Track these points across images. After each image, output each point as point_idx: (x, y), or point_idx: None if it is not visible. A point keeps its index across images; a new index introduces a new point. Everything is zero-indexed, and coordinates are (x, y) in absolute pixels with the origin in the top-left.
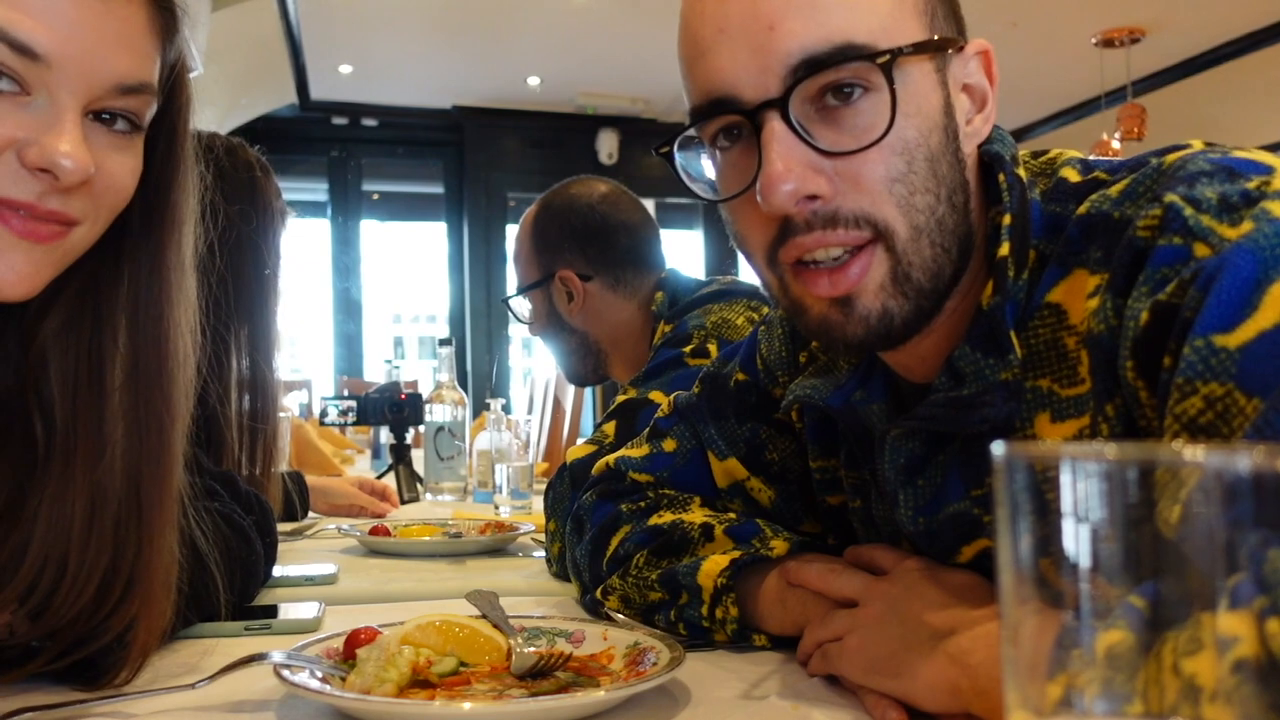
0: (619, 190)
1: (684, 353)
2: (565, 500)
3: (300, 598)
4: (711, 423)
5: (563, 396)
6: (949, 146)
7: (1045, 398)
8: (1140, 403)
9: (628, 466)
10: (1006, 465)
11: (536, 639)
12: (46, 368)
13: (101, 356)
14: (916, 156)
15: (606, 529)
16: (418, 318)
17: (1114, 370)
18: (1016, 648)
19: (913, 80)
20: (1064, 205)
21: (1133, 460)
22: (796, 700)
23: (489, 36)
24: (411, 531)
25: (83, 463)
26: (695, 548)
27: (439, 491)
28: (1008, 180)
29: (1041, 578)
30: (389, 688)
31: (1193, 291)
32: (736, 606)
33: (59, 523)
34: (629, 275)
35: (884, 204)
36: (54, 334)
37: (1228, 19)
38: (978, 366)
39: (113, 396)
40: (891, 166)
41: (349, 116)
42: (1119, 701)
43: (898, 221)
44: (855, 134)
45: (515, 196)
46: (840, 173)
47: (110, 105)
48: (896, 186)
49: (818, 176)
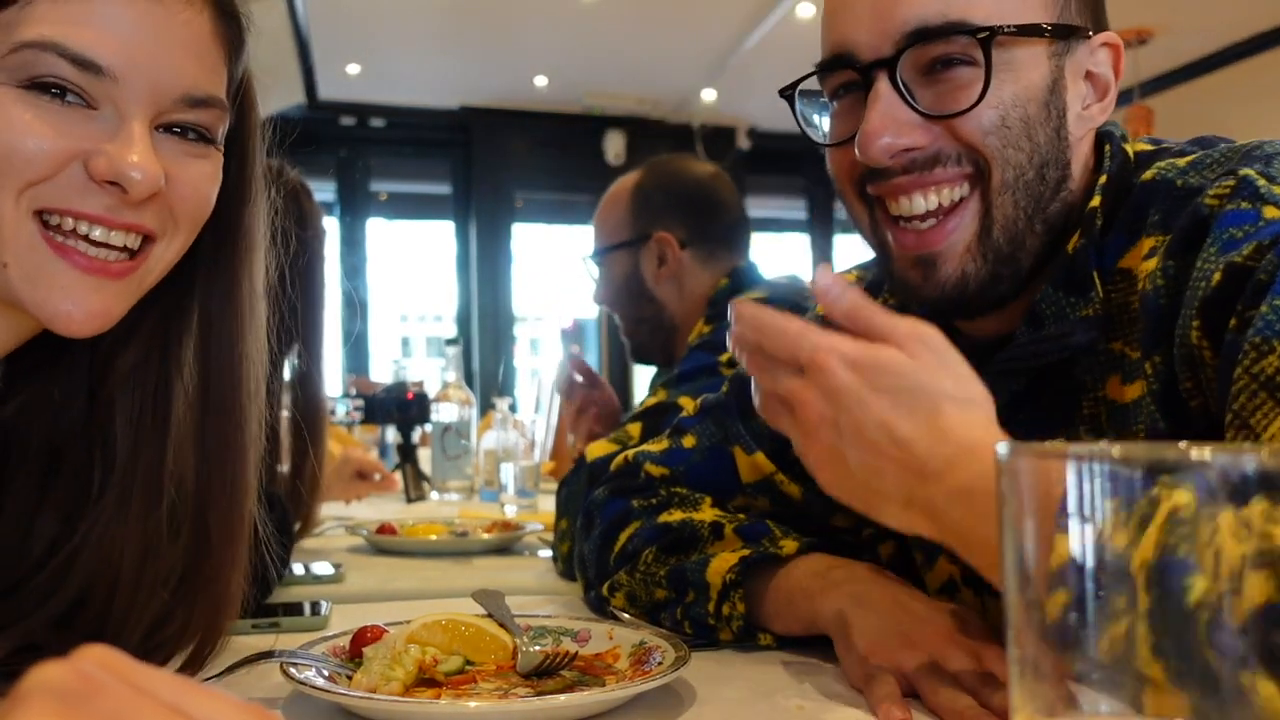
0: (725, 174)
1: (719, 361)
2: (579, 498)
3: (307, 596)
4: (740, 419)
5: None
6: (1049, 121)
7: (1117, 360)
8: (1199, 363)
9: (644, 459)
10: (1010, 465)
11: (542, 638)
12: (113, 408)
13: (169, 395)
14: (1011, 116)
15: (616, 524)
16: (425, 317)
17: (1162, 329)
18: (1021, 648)
19: (1017, 57)
20: (1135, 174)
21: (1138, 460)
22: (802, 700)
23: (496, 37)
24: (418, 530)
25: (139, 502)
26: (704, 545)
27: (445, 490)
28: (1112, 149)
29: (1048, 578)
30: (395, 686)
31: (1271, 256)
32: (744, 603)
33: (107, 561)
34: (721, 254)
35: (981, 149)
36: (125, 373)
37: (1236, 20)
38: (1059, 306)
39: (176, 436)
40: (987, 120)
41: (356, 116)
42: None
43: (995, 163)
44: (954, 99)
45: (522, 196)
46: (941, 128)
47: (180, 119)
48: (990, 138)
49: (914, 130)
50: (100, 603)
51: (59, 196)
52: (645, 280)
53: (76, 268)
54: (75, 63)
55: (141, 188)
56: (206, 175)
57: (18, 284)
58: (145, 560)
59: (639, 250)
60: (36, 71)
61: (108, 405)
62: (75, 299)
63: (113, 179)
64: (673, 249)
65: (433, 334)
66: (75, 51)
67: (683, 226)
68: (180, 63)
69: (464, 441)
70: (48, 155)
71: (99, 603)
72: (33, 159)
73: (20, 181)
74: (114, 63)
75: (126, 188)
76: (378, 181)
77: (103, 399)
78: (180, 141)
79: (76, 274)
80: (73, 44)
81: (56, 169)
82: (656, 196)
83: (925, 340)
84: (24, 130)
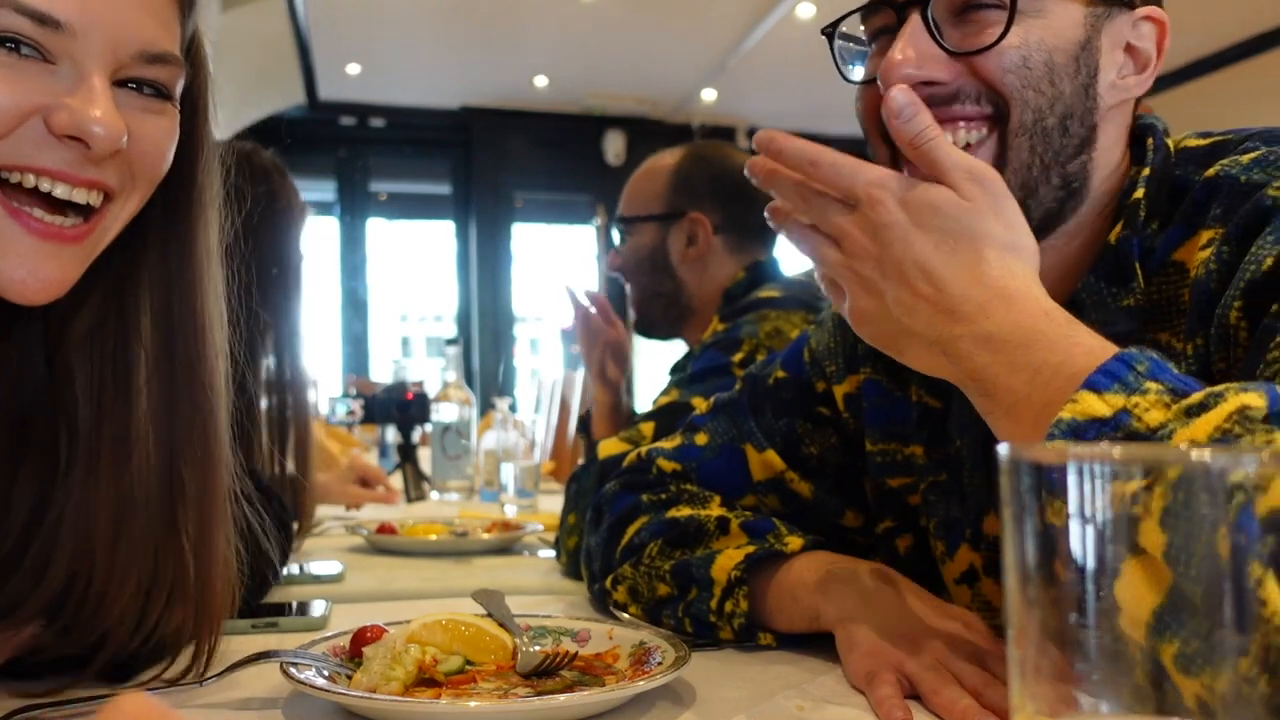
0: None
1: (732, 361)
2: (589, 495)
3: (307, 595)
4: (751, 416)
5: (569, 396)
6: (1077, 75)
7: (1163, 350)
8: (1234, 343)
9: (657, 455)
10: (1012, 466)
11: (542, 638)
12: (72, 374)
13: (128, 359)
14: (1034, 59)
15: (624, 518)
16: (424, 317)
17: (1207, 311)
18: (1022, 648)
19: (1048, 7)
20: (1187, 169)
21: (1138, 461)
22: (802, 700)
23: (497, 37)
24: (418, 530)
25: (107, 470)
26: (710, 540)
27: (445, 490)
28: (1155, 142)
29: (1048, 578)
30: (395, 686)
31: None
32: (747, 601)
33: (84, 533)
34: (748, 245)
35: (1000, 86)
36: (80, 338)
37: (1236, 21)
38: (1100, 296)
39: (139, 400)
40: (1008, 59)
41: (357, 116)
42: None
43: (1014, 103)
44: (979, 37)
45: (522, 196)
46: (963, 66)
47: (138, 74)
48: (1010, 77)
49: (938, 66)
50: (85, 576)
51: (17, 153)
52: (671, 256)
53: (32, 233)
54: (33, 18)
55: (105, 143)
56: (166, 131)
57: None
58: (120, 526)
59: (670, 226)
60: None
61: (66, 371)
62: (30, 266)
63: (75, 134)
64: (705, 231)
65: (433, 334)
66: (33, 7)
67: (719, 211)
68: (137, 18)
69: (464, 441)
70: (5, 110)
71: (84, 576)
72: None
73: None
74: (72, 17)
75: (90, 142)
76: (378, 181)
77: (60, 365)
78: (138, 97)
79: (32, 240)
80: (36, 2)
81: (15, 124)
82: (699, 177)
83: (982, 181)
84: None
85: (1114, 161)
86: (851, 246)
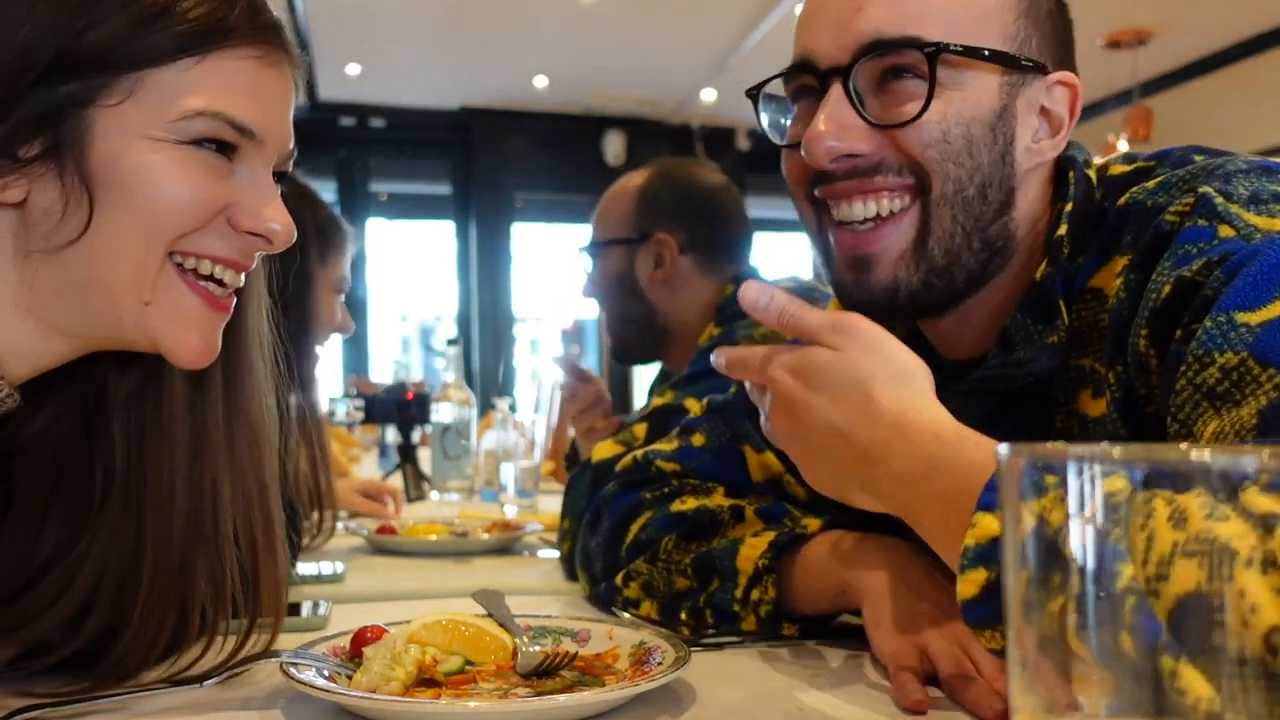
0: (733, 185)
1: None
2: (583, 499)
3: (307, 596)
4: (748, 419)
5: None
6: (995, 145)
7: (1088, 375)
8: (1148, 370)
9: (655, 456)
10: (1011, 465)
11: (542, 638)
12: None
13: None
14: (954, 133)
15: (626, 517)
16: (425, 317)
17: (1123, 339)
18: (1022, 648)
19: (966, 78)
20: (1111, 199)
21: (1137, 461)
22: (801, 701)
23: (496, 37)
24: (418, 530)
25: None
26: (725, 529)
27: (445, 490)
28: (1076, 175)
29: (1046, 579)
30: (395, 686)
31: (1218, 274)
32: (775, 588)
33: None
34: (720, 264)
35: (921, 160)
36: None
37: (1235, 21)
38: (1027, 332)
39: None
40: (928, 133)
41: (357, 117)
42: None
43: (935, 175)
44: (900, 110)
45: (522, 197)
46: (885, 138)
47: (280, 170)
48: (930, 151)
49: (859, 139)
50: (108, 607)
51: (204, 244)
52: (639, 280)
53: (207, 305)
54: (236, 128)
55: (282, 238)
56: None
57: (155, 320)
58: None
59: (637, 249)
60: (202, 134)
61: (105, 425)
62: (202, 333)
63: (257, 231)
64: (671, 252)
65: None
66: (240, 120)
67: (685, 231)
68: (290, 123)
69: (464, 442)
70: (204, 207)
71: (107, 607)
72: (193, 211)
73: (177, 231)
74: (260, 127)
75: (271, 239)
76: (378, 181)
77: (100, 420)
78: None
79: (207, 311)
80: (239, 115)
81: (208, 220)
82: (663, 198)
83: (846, 329)
84: (188, 184)
85: (1035, 214)
86: (774, 425)
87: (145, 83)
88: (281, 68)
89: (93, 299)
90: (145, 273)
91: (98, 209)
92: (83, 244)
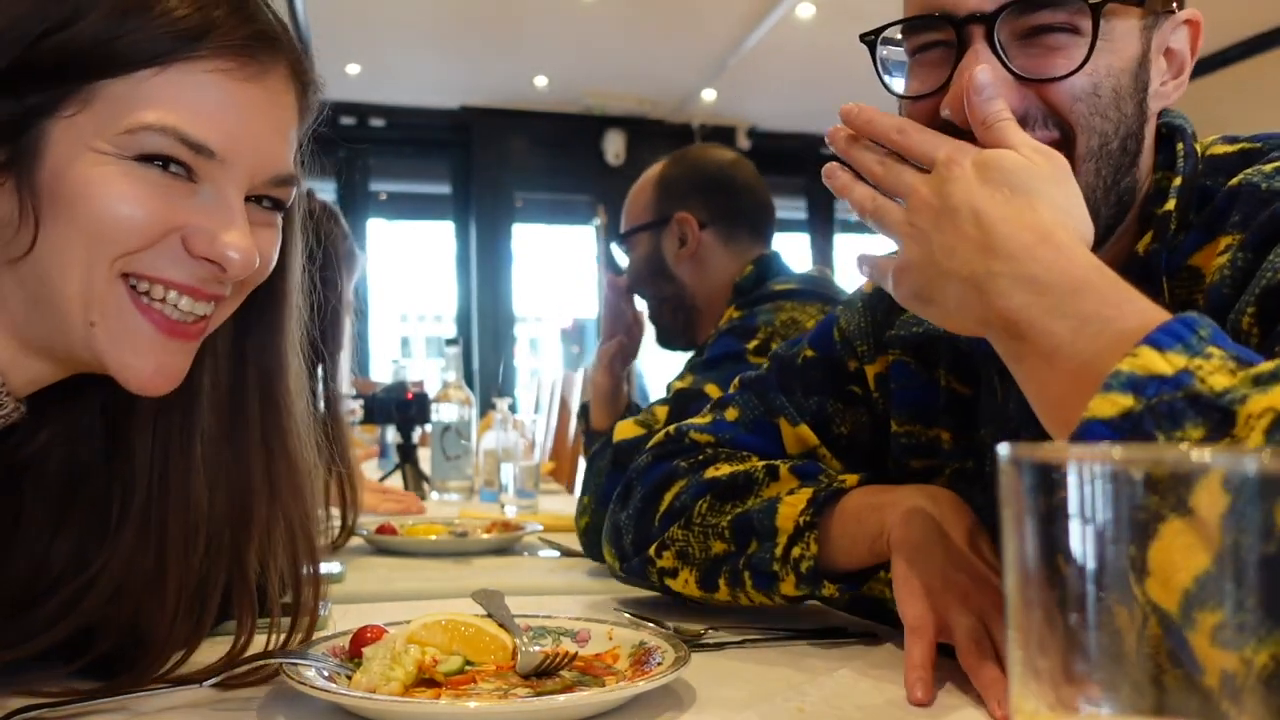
0: (748, 161)
1: (746, 348)
2: (601, 476)
3: None
4: (782, 394)
5: (569, 396)
6: (1136, 95)
7: None
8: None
9: (689, 429)
10: (1013, 465)
11: (542, 638)
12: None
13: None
14: (1104, 85)
15: (660, 485)
16: (424, 317)
17: (1220, 317)
18: (1022, 648)
19: (1116, 29)
20: (1214, 178)
21: (1139, 461)
22: (802, 702)
23: (496, 37)
24: (418, 530)
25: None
26: (760, 488)
27: (445, 490)
28: (1185, 149)
29: (1049, 578)
30: (395, 686)
31: None
32: (817, 544)
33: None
34: (742, 236)
35: (1068, 115)
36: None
37: (1238, 20)
38: None
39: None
40: (1079, 87)
41: (356, 116)
42: None
43: (1080, 130)
44: (1050, 64)
45: (522, 196)
46: (1030, 91)
47: (265, 193)
48: (1079, 105)
49: (1007, 91)
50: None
51: (152, 265)
52: (666, 260)
53: (160, 330)
54: (191, 147)
55: (240, 268)
56: (273, 241)
57: (102, 342)
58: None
59: (661, 231)
60: (150, 149)
61: (126, 445)
62: (155, 360)
63: (211, 257)
64: (692, 229)
65: (433, 334)
66: (195, 138)
67: (703, 207)
68: (275, 145)
69: (464, 442)
70: (150, 227)
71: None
72: (137, 229)
73: (119, 250)
74: (223, 146)
75: (225, 267)
76: (378, 181)
77: (120, 440)
78: (259, 211)
79: (159, 336)
80: (193, 131)
81: (157, 239)
82: (680, 180)
83: (1049, 155)
84: (132, 202)
85: (1147, 168)
86: (916, 201)
87: (100, 93)
88: (263, 82)
89: (47, 316)
90: (91, 291)
91: (43, 222)
92: (32, 258)
